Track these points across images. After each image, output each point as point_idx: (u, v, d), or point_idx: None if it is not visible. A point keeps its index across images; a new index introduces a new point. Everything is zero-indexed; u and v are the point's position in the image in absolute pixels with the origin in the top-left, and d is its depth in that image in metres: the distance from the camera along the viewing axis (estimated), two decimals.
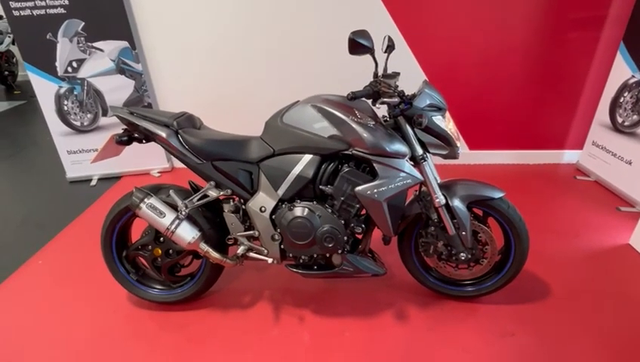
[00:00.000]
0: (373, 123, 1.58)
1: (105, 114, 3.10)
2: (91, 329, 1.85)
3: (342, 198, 1.63)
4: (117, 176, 3.31)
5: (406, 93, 1.60)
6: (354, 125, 1.55)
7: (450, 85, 3.06)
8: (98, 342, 1.77)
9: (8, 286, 2.16)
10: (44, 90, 2.99)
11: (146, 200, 1.66)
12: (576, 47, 2.87)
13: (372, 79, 1.56)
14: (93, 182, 3.23)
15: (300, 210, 1.64)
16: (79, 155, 3.19)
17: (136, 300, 1.97)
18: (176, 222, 1.67)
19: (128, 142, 1.70)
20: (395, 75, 1.54)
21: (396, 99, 1.51)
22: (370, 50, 1.39)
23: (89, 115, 3.08)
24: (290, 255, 1.74)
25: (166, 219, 1.66)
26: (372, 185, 1.57)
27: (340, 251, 1.67)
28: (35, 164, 3.80)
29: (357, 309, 1.89)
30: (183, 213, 1.69)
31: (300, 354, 1.68)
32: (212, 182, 1.71)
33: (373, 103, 1.57)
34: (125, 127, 1.73)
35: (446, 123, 1.61)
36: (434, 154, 1.64)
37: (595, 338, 1.69)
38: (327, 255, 1.73)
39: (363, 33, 1.38)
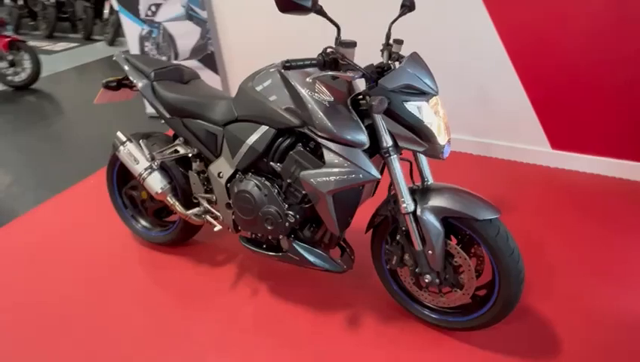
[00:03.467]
0: (332, 100, 1.32)
1: (176, 57, 3.34)
2: (93, 249, 2.13)
3: (289, 180, 1.46)
4: None
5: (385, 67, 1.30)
6: (308, 101, 1.33)
7: (538, 64, 2.39)
8: (93, 261, 2.05)
9: (61, 197, 2.61)
10: (132, 31, 3.34)
11: (125, 144, 1.76)
12: None
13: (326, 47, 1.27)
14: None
15: (247, 183, 1.53)
16: None
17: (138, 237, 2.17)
18: (149, 170, 1.74)
19: (116, 88, 1.79)
20: (354, 44, 1.23)
21: (353, 75, 1.23)
22: (305, 9, 1.12)
23: (164, 58, 3.36)
24: (239, 227, 1.67)
25: (139, 166, 1.75)
26: (317, 173, 1.35)
27: (281, 236, 1.53)
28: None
29: (313, 299, 1.75)
30: (156, 163, 1.74)
31: (234, 327, 1.65)
32: (181, 139, 1.70)
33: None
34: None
35: (428, 112, 1.26)
36: (404, 148, 1.32)
37: None
38: (280, 236, 1.61)
39: None
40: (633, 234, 2.00)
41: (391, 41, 1.46)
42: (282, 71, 1.41)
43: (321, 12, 1.15)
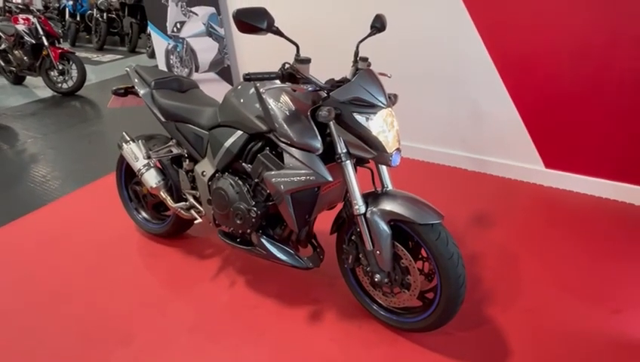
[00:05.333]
0: (293, 110, 1.48)
1: (197, 70, 3.64)
2: (100, 235, 2.39)
3: (256, 180, 1.62)
4: None
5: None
6: (271, 109, 1.50)
7: (529, 79, 2.43)
8: (99, 245, 2.30)
9: (83, 191, 2.93)
10: (160, 45, 3.69)
11: (128, 143, 2.01)
12: None
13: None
14: None
15: (223, 181, 1.71)
16: None
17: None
18: (146, 167, 1.97)
19: (124, 95, 2.04)
20: (308, 60, 1.38)
21: (307, 87, 1.38)
22: (261, 30, 1.29)
23: (186, 70, 3.68)
24: (217, 222, 1.84)
25: (138, 163, 1.98)
26: (277, 173, 1.51)
27: (249, 230, 1.68)
28: None
29: (284, 294, 1.89)
30: (152, 161, 1.97)
31: (207, 312, 1.82)
32: (174, 140, 1.92)
33: None
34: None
35: (376, 123, 1.38)
36: (355, 156, 1.45)
37: None
38: (248, 231, 1.76)
39: (252, 11, 1.28)
40: (614, 257, 1.98)
41: (358, 59, 1.60)
42: (256, 84, 1.59)
43: (278, 32, 1.32)
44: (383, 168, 1.59)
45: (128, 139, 2.02)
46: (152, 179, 1.97)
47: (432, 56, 2.68)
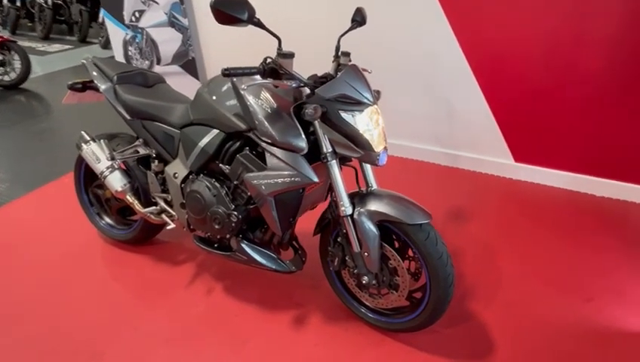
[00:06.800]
0: (275, 107, 1.40)
1: (159, 62, 3.43)
2: (58, 245, 2.19)
3: (236, 182, 1.53)
4: None
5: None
6: (251, 106, 1.40)
7: (500, 78, 2.48)
8: (56, 257, 2.10)
9: (34, 195, 2.68)
10: (116, 36, 3.43)
11: (88, 143, 1.83)
12: None
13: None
14: None
15: (198, 184, 1.60)
16: None
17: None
18: (110, 169, 1.81)
19: (82, 90, 1.86)
20: (292, 55, 1.31)
21: (291, 83, 1.30)
22: (242, 22, 1.19)
23: (146, 62, 3.45)
24: (192, 227, 1.73)
25: (101, 165, 1.81)
26: (259, 175, 1.42)
27: (228, 235, 1.59)
28: None
29: (265, 299, 1.81)
30: (117, 162, 1.81)
31: (185, 323, 1.70)
32: (140, 140, 1.77)
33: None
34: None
35: (363, 121, 1.33)
36: (341, 154, 1.39)
37: None
38: (227, 236, 1.67)
39: (232, 1, 1.18)
40: (585, 248, 2.06)
41: (340, 54, 1.53)
42: (232, 79, 1.49)
43: (259, 24, 1.23)
44: (368, 167, 1.55)
45: (88, 138, 1.85)
46: (116, 182, 1.81)
47: (407, 54, 2.66)
